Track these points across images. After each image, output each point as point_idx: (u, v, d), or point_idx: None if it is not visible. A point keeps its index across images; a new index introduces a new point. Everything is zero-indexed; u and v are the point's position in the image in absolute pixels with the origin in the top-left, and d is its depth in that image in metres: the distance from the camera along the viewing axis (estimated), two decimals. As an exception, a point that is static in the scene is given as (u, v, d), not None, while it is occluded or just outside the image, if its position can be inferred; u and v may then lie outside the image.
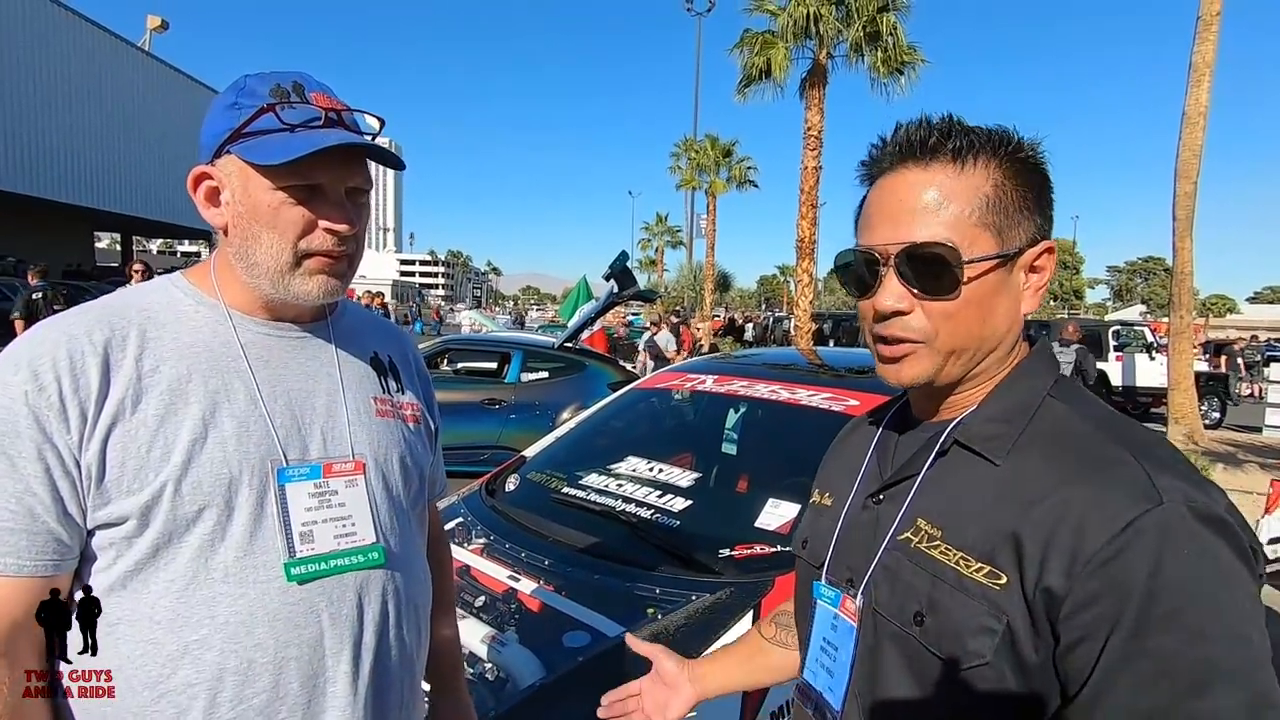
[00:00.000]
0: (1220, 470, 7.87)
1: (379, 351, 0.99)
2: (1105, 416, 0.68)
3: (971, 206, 0.68)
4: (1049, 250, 0.71)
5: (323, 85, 0.85)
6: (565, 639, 1.58)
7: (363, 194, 0.87)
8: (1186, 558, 0.56)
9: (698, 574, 1.79)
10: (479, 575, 1.88)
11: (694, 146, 29.13)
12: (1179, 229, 9.68)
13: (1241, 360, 16.35)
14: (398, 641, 0.90)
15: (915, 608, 0.67)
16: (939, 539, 0.68)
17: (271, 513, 0.80)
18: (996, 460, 0.67)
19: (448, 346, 7.01)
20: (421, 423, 1.02)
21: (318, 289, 0.85)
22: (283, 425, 0.83)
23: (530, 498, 2.37)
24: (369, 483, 0.89)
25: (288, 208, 0.81)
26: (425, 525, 1.05)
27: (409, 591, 0.92)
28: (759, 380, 2.61)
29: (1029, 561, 0.61)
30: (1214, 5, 9.33)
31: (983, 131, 0.70)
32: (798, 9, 14.25)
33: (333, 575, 0.83)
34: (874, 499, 0.76)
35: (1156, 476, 0.59)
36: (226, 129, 0.80)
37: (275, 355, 0.87)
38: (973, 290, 0.68)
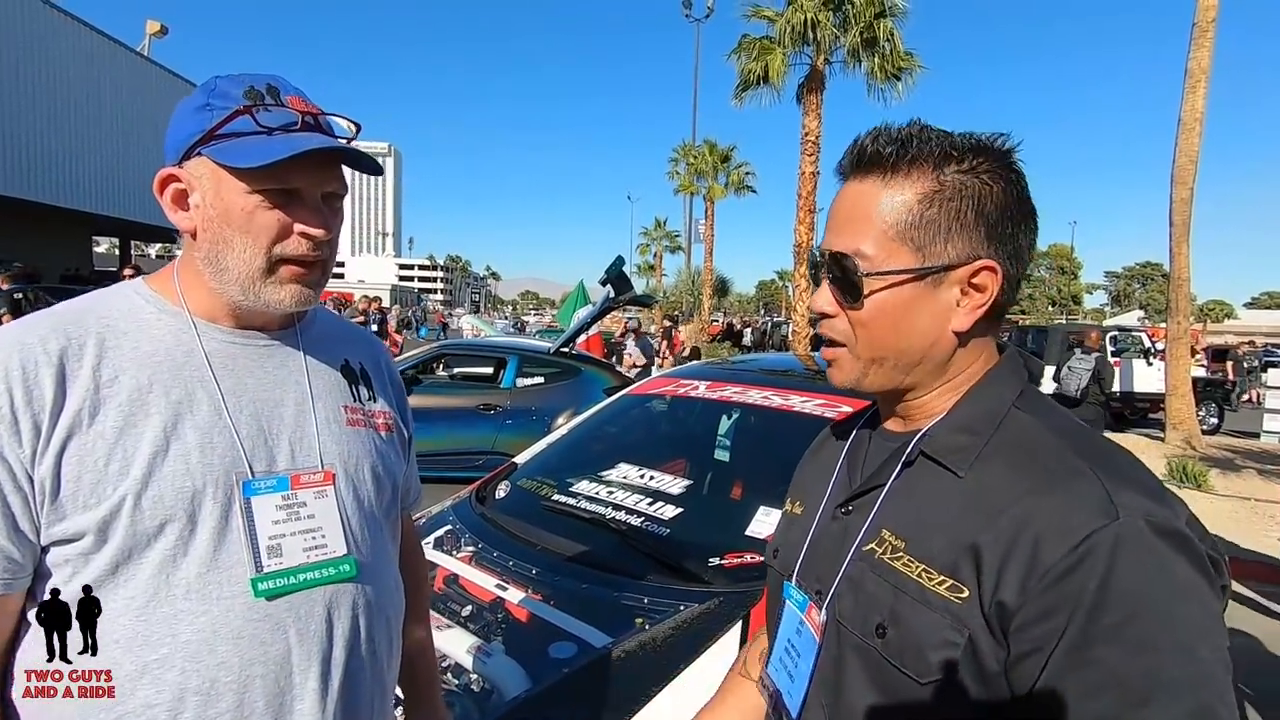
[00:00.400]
0: (1218, 476, 7.86)
1: (350, 359, 0.97)
2: (1069, 428, 0.68)
3: (891, 220, 0.68)
4: (989, 269, 0.68)
5: (297, 89, 0.84)
6: (551, 650, 1.56)
7: (338, 199, 0.85)
8: (1139, 571, 0.56)
9: (687, 583, 1.76)
10: (467, 584, 1.86)
11: (692, 152, 29.19)
12: (1176, 234, 9.69)
13: (1244, 365, 16.35)
14: (369, 655, 0.88)
15: (878, 619, 0.67)
16: (902, 550, 0.67)
17: (237, 526, 0.78)
18: (960, 472, 0.67)
19: (443, 352, 7.00)
20: (394, 431, 1.00)
21: (290, 297, 0.83)
22: (249, 436, 0.81)
23: (520, 505, 2.34)
24: (339, 493, 0.86)
25: (263, 211, 0.79)
26: (398, 535, 1.03)
27: (380, 603, 0.90)
28: (752, 386, 2.59)
29: (987, 574, 0.61)
30: (1209, 12, 9.36)
31: (930, 141, 0.68)
32: (795, 15, 14.31)
33: (302, 590, 0.80)
34: (843, 509, 0.76)
35: (1115, 491, 0.59)
36: (198, 130, 0.78)
37: (241, 364, 0.84)
38: (880, 302, 0.69)
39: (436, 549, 2.08)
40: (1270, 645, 3.93)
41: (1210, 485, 7.39)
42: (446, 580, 1.90)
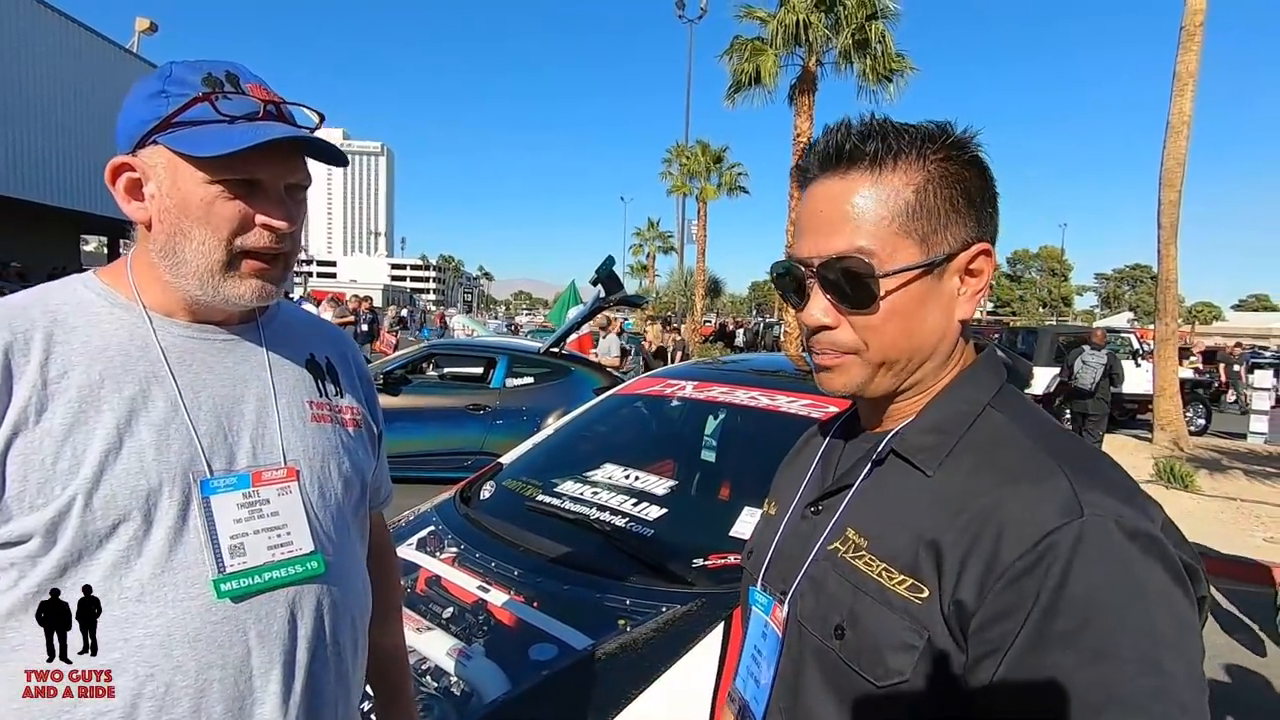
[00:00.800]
0: (1205, 476, 7.91)
1: (316, 354, 0.95)
2: (1042, 429, 0.66)
3: (891, 214, 0.65)
4: (985, 253, 0.67)
5: (257, 76, 0.82)
6: (532, 651, 1.54)
7: (302, 190, 0.83)
8: (1101, 572, 0.53)
9: (670, 584, 1.75)
10: (449, 586, 1.84)
11: (685, 152, 29.21)
12: (1164, 236, 9.76)
13: (1234, 367, 16.46)
14: (333, 657, 0.86)
15: (837, 620, 0.65)
16: (864, 550, 0.65)
17: (195, 527, 0.76)
18: (928, 471, 0.65)
19: (432, 351, 6.96)
20: (363, 427, 0.98)
21: (251, 292, 0.81)
22: (207, 433, 0.79)
23: (504, 506, 2.33)
24: (303, 490, 0.85)
25: (223, 202, 0.76)
26: (366, 534, 1.01)
27: (346, 603, 0.88)
28: (739, 386, 2.59)
29: (947, 573, 0.59)
30: (1197, 16, 9.44)
31: (907, 132, 0.66)
32: (787, 16, 14.34)
33: (267, 590, 0.79)
34: (812, 509, 0.74)
35: (1083, 490, 0.57)
36: (153, 118, 0.76)
37: (200, 359, 0.82)
38: (895, 302, 0.65)
39: (419, 550, 2.06)
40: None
41: (1197, 486, 7.44)
42: (428, 582, 1.88)
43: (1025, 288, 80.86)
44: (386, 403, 5.94)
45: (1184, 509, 6.59)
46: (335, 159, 0.86)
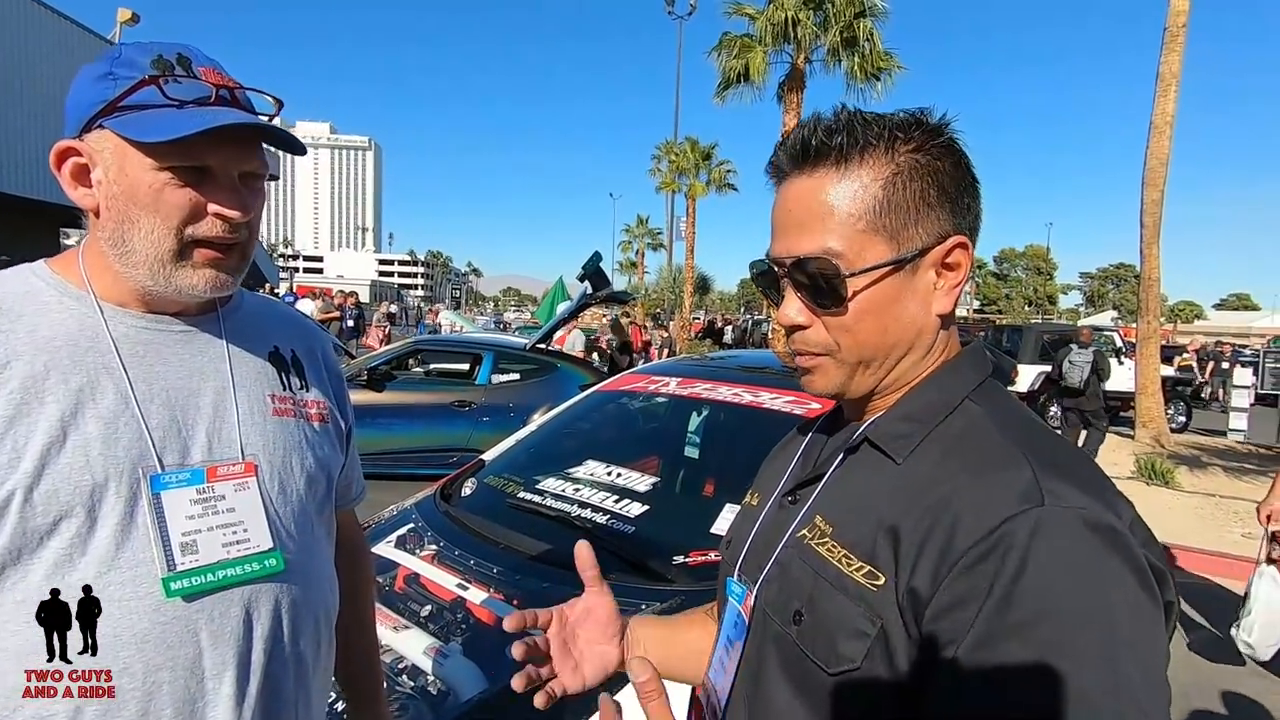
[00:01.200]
0: (1185, 473, 8.02)
1: (280, 346, 0.93)
2: (1018, 423, 0.64)
3: (858, 212, 0.63)
4: (961, 245, 0.65)
5: (212, 60, 0.79)
6: (510, 650, 1.53)
7: (258, 179, 0.81)
8: (1060, 563, 0.51)
9: (650, 582, 1.74)
10: (428, 583, 1.83)
11: (674, 149, 29.22)
12: (1147, 236, 9.87)
13: (1226, 364, 16.64)
14: (293, 657, 0.83)
15: (796, 605, 0.64)
16: (828, 536, 0.64)
17: (144, 524, 0.74)
18: (897, 459, 0.64)
19: (418, 347, 6.92)
20: (329, 422, 0.95)
21: (205, 282, 0.78)
22: (159, 427, 0.77)
23: (485, 503, 2.31)
24: (262, 485, 0.82)
25: (172, 189, 0.74)
26: (333, 531, 0.99)
27: (309, 602, 0.86)
28: (722, 383, 2.58)
29: (904, 560, 0.57)
30: (1180, 18, 9.53)
31: (875, 123, 0.64)
32: (776, 13, 14.37)
33: (220, 588, 0.77)
34: (789, 498, 0.73)
35: (1045, 480, 0.55)
36: (99, 100, 0.73)
37: (154, 351, 0.80)
38: (866, 301, 0.64)
39: (398, 547, 2.04)
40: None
41: (1178, 482, 7.54)
42: (407, 579, 1.87)
43: (1011, 286, 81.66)
44: (371, 399, 5.91)
45: (1164, 505, 6.68)
46: (292, 147, 0.84)
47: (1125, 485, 7.48)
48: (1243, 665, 3.39)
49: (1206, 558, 5.18)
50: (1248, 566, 4.99)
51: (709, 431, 2.59)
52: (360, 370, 6.16)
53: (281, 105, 0.83)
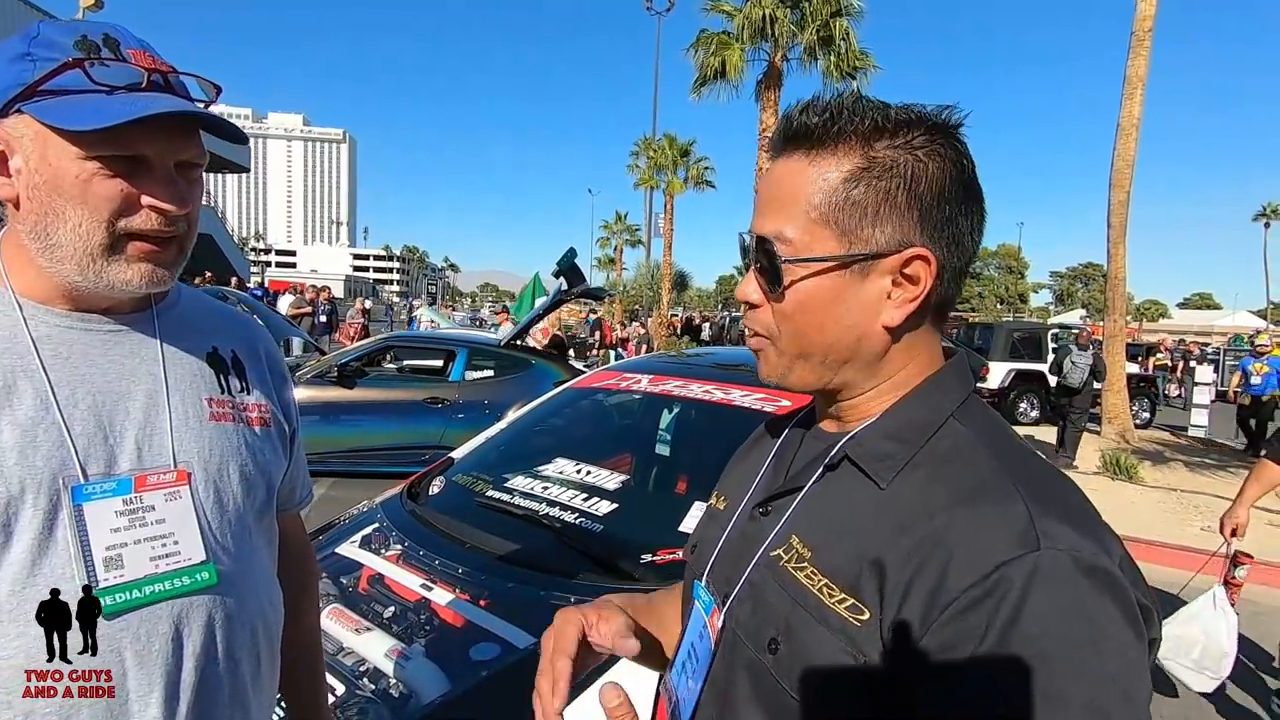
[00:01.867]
0: (1149, 468, 8.21)
1: (219, 346, 0.88)
2: (1004, 445, 0.61)
3: (815, 200, 0.60)
4: (922, 259, 0.59)
5: (142, 42, 0.74)
6: (473, 651, 1.51)
7: (195, 168, 0.76)
8: (1055, 610, 0.49)
9: (618, 581, 1.73)
10: (392, 584, 1.79)
11: (652, 146, 29.19)
12: (1113, 236, 10.06)
13: (1195, 364, 17.03)
14: (228, 674, 0.80)
15: (771, 633, 0.61)
16: (808, 561, 0.61)
17: (63, 537, 0.70)
18: (882, 482, 0.60)
19: (390, 344, 6.83)
20: (271, 425, 0.91)
21: (140, 278, 0.73)
22: (83, 434, 0.72)
23: (453, 502, 2.28)
24: (196, 495, 0.78)
25: (102, 180, 0.69)
26: (274, 540, 0.95)
27: (246, 615, 0.82)
28: (694, 380, 2.57)
29: (890, 596, 0.54)
30: (1146, 22, 9.72)
31: (860, 112, 0.60)
32: (753, 10, 14.41)
33: (147, 604, 0.73)
34: (761, 509, 0.70)
35: (1040, 519, 0.52)
36: (16, 84, 0.68)
37: (79, 352, 0.75)
38: (802, 292, 0.61)
39: (362, 548, 2.00)
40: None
41: (1141, 477, 7.72)
42: (371, 580, 1.83)
43: (984, 284, 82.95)
44: (342, 395, 5.82)
45: (1128, 500, 6.83)
46: (231, 135, 0.80)
47: (1092, 480, 7.63)
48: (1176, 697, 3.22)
49: (1168, 551, 5.30)
50: (1206, 560, 5.14)
51: (680, 429, 2.58)
52: (331, 366, 6.06)
53: (219, 91, 0.79)
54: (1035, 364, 12.54)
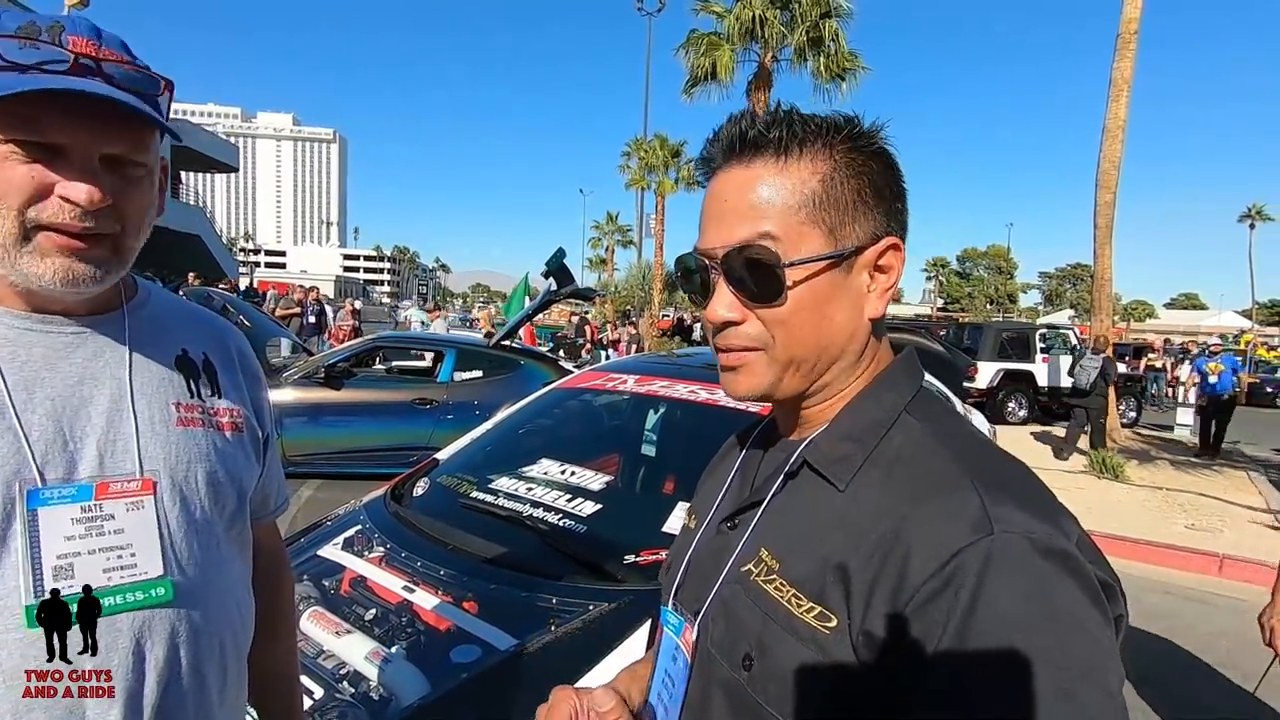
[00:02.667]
0: (1135, 467, 8.28)
1: (190, 349, 0.86)
2: (957, 438, 0.62)
3: (798, 203, 0.61)
4: (894, 247, 0.64)
5: (98, 32, 0.70)
6: (453, 653, 1.50)
7: (131, 165, 0.72)
8: (1013, 594, 0.49)
9: (600, 582, 1.73)
10: (374, 586, 1.79)
11: (643, 146, 29.20)
12: (1100, 237, 10.14)
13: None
14: (193, 688, 0.78)
15: (745, 649, 0.61)
16: (776, 573, 0.61)
17: (16, 546, 0.68)
18: (840, 485, 0.61)
19: (378, 344, 6.79)
20: (244, 431, 0.89)
21: (53, 273, 0.69)
22: (41, 439, 0.70)
23: (436, 503, 2.27)
24: (160, 504, 0.76)
25: (13, 165, 0.66)
26: (247, 548, 0.93)
27: (213, 626, 0.80)
28: (681, 380, 2.57)
29: (855, 600, 0.55)
30: (1131, 25, 9.81)
31: (812, 120, 0.63)
32: (743, 11, 14.45)
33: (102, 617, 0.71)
34: (728, 523, 0.70)
35: (993, 505, 0.53)
36: None
37: (37, 355, 0.73)
38: (803, 294, 0.62)
39: (345, 550, 1.99)
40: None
41: (1127, 476, 7.78)
42: (353, 583, 1.82)
43: (974, 285, 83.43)
44: (329, 396, 5.78)
45: (1114, 499, 6.89)
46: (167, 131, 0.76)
47: (1078, 479, 7.69)
48: None
49: (1154, 549, 5.35)
50: (1190, 557, 5.19)
51: (665, 429, 2.58)
52: (318, 368, 6.02)
53: (171, 87, 0.75)
54: (1024, 364, 12.62)
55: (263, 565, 0.98)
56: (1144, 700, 3.28)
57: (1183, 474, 8.30)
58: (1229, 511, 6.53)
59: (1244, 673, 3.61)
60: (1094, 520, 5.89)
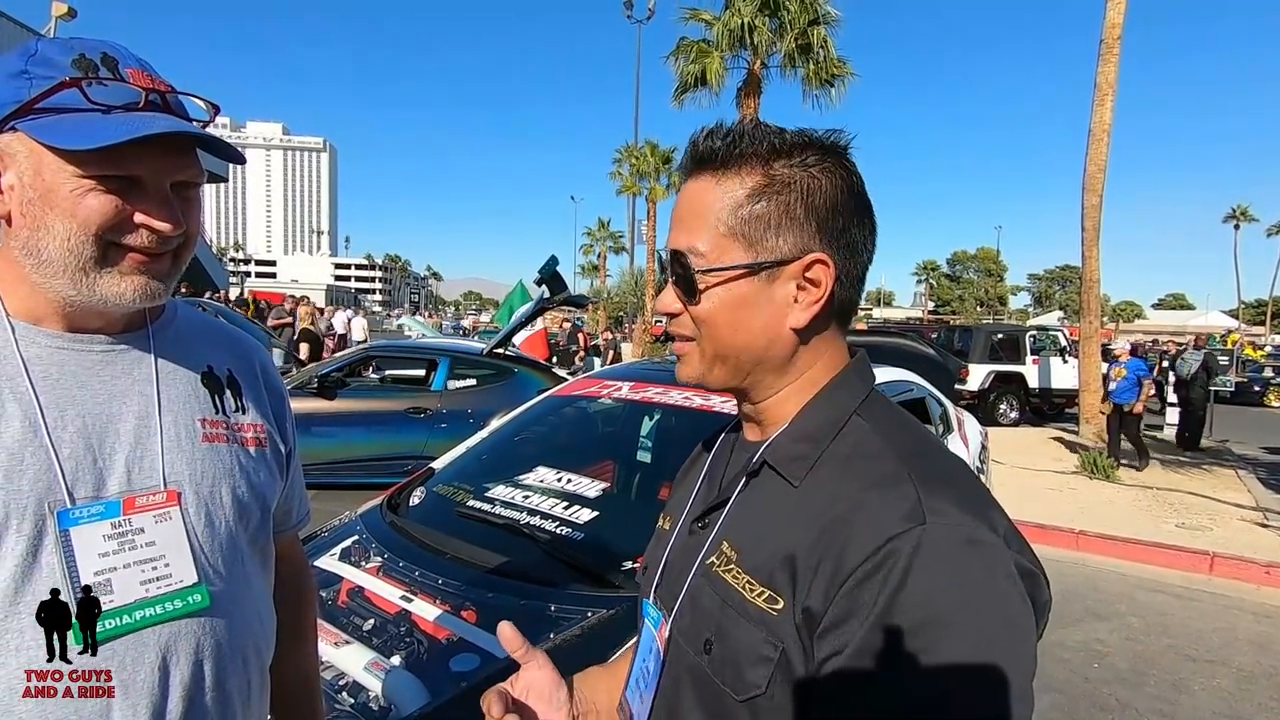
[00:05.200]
0: (1125, 467, 8.34)
1: (215, 365, 0.87)
2: (901, 437, 0.66)
3: (722, 216, 0.66)
4: (821, 263, 0.66)
5: (140, 61, 0.74)
6: (452, 662, 1.51)
7: (193, 188, 0.76)
8: (938, 578, 0.54)
9: (598, 589, 1.74)
10: (372, 597, 1.79)
11: (635, 153, 29.29)
12: (1087, 239, 10.24)
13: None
14: (216, 703, 0.78)
15: (707, 635, 0.65)
16: (734, 562, 0.65)
17: (49, 564, 0.69)
18: (795, 481, 0.66)
19: (371, 354, 6.78)
20: (267, 445, 0.90)
21: (134, 291, 0.72)
22: (71, 456, 0.71)
23: (433, 513, 2.28)
24: (186, 515, 0.77)
25: (95, 195, 0.69)
26: (270, 563, 0.93)
27: (238, 640, 0.81)
28: (674, 386, 2.59)
29: (800, 583, 0.59)
30: (1115, 30, 9.93)
31: (760, 138, 0.67)
32: (732, 19, 14.53)
33: (136, 630, 0.72)
34: (699, 523, 0.74)
35: (927, 498, 0.57)
36: (12, 101, 0.68)
37: (70, 373, 0.74)
38: (717, 298, 0.67)
39: (342, 560, 1.99)
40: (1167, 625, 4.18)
41: (1118, 476, 7.84)
42: (350, 594, 1.82)
43: (964, 287, 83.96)
44: (322, 407, 5.76)
45: (1105, 498, 6.94)
46: (230, 156, 0.79)
47: (1070, 479, 7.75)
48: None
49: (1145, 548, 5.39)
50: (1181, 556, 5.24)
51: (661, 435, 2.59)
52: (311, 378, 6.00)
53: (217, 110, 0.78)
54: (1015, 366, 12.70)
55: (286, 576, 0.99)
56: (1135, 697, 3.31)
57: (1171, 473, 8.37)
58: (1219, 510, 6.59)
59: (1234, 669, 3.65)
60: (1086, 520, 5.94)
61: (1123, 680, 3.48)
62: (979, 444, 4.34)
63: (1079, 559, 5.38)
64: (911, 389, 3.50)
